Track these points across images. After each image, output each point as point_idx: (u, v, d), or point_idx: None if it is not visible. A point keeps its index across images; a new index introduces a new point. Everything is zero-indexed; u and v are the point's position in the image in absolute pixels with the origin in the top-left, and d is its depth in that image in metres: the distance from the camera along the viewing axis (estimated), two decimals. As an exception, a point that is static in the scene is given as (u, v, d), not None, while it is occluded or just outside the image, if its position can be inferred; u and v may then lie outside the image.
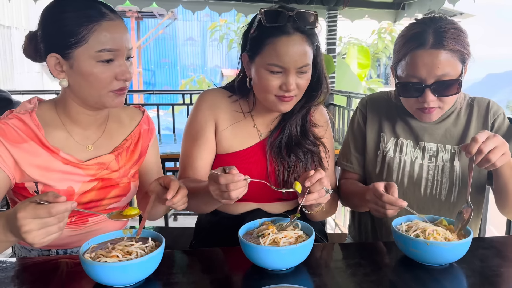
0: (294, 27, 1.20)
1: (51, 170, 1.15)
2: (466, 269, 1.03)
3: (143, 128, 1.34)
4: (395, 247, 1.11)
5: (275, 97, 1.25)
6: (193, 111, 1.40)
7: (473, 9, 34.30)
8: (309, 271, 1.02)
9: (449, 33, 1.21)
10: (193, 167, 1.35)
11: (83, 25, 1.07)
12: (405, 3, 3.93)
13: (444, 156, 1.36)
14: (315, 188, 1.09)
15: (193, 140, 1.37)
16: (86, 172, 1.20)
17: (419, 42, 1.21)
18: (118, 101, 1.16)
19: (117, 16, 1.15)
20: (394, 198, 1.12)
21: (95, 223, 1.27)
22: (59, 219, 0.87)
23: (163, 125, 4.63)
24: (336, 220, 3.70)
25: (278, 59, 1.20)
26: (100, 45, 1.08)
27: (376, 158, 1.43)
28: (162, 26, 13.33)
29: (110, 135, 1.28)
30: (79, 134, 1.22)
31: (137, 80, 13.15)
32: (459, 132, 1.37)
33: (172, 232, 2.09)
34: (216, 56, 15.20)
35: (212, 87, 1.55)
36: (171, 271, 1.01)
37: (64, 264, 1.07)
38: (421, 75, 1.22)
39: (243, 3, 3.74)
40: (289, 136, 1.36)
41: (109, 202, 1.27)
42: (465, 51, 1.22)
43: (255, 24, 1.26)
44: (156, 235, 1.03)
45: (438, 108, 1.27)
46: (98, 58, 1.09)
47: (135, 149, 1.31)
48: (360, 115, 1.48)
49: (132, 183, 1.32)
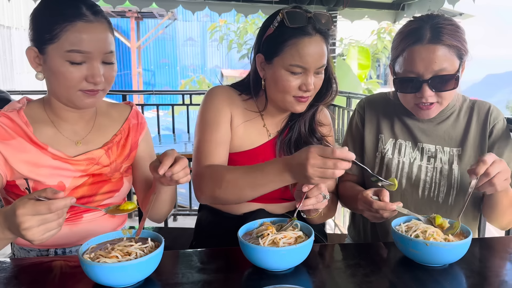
0: (315, 28, 1.23)
1: (41, 166, 1.16)
2: (465, 269, 1.03)
3: (132, 122, 1.35)
4: (395, 247, 1.11)
5: (293, 97, 1.27)
6: (207, 101, 1.36)
7: (473, 9, 34.30)
8: (309, 272, 1.02)
9: (446, 29, 1.22)
10: (215, 153, 1.30)
11: (58, 23, 1.08)
12: (404, 4, 3.94)
13: (443, 157, 1.36)
14: (313, 194, 1.10)
15: (212, 126, 1.32)
16: (76, 167, 1.21)
17: (416, 38, 1.23)
18: (89, 101, 1.16)
19: (99, 18, 1.13)
20: (383, 203, 1.13)
21: (90, 221, 1.27)
22: (59, 215, 0.87)
23: (163, 126, 4.63)
24: (335, 221, 3.70)
25: (300, 60, 1.22)
26: (70, 45, 1.08)
27: (374, 160, 1.43)
28: (162, 27, 13.34)
29: (99, 130, 1.28)
30: (68, 130, 1.23)
31: (137, 81, 13.15)
32: (458, 134, 1.37)
33: (172, 232, 2.09)
34: (216, 56, 15.22)
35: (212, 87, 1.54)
36: (171, 272, 1.01)
37: (63, 264, 1.07)
38: (418, 70, 1.23)
39: (243, 3, 3.74)
40: (298, 134, 1.39)
41: (102, 197, 1.27)
42: (462, 47, 1.23)
43: (274, 25, 1.26)
44: (155, 236, 1.03)
45: (436, 103, 1.27)
46: (68, 58, 1.09)
47: (125, 143, 1.32)
48: (358, 117, 1.49)
49: (125, 178, 1.32)
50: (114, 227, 1.34)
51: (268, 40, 1.28)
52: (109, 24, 1.17)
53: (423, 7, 3.66)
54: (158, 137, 3.64)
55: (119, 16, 12.91)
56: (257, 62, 1.33)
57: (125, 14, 12.29)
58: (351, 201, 1.36)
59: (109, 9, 11.11)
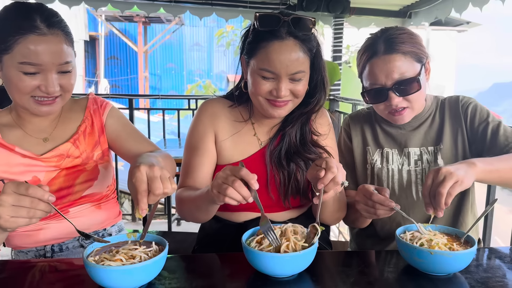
0: (288, 32, 1.18)
1: (12, 165, 1.24)
2: (470, 279, 1.02)
3: (93, 108, 1.39)
4: (399, 256, 1.11)
5: (266, 100, 1.24)
6: (193, 122, 1.41)
7: (480, 18, 34.20)
8: (312, 279, 1.02)
9: (398, 38, 1.31)
10: (193, 176, 1.34)
11: (11, 35, 1.13)
12: (411, 12, 3.93)
13: (428, 157, 1.43)
14: (329, 188, 1.08)
15: (193, 150, 1.37)
16: (47, 163, 1.27)
17: (372, 52, 1.33)
18: (45, 110, 1.22)
19: (54, 30, 1.16)
20: (383, 198, 1.14)
21: (77, 213, 1.33)
22: (32, 203, 0.90)
23: (168, 130, 4.65)
24: (339, 228, 3.68)
25: (269, 64, 1.18)
26: (22, 57, 1.13)
27: (365, 171, 1.49)
28: (169, 32, 13.40)
29: (64, 124, 1.34)
30: (34, 130, 1.30)
31: (143, 85, 13.21)
32: (436, 131, 1.44)
33: (175, 237, 2.09)
34: (222, 61, 15.26)
35: (218, 93, 1.55)
36: (174, 276, 1.01)
37: (67, 267, 1.07)
38: (381, 81, 1.32)
39: (250, 9, 3.76)
40: (288, 144, 1.34)
41: (81, 187, 1.32)
42: (418, 51, 1.32)
43: (251, 28, 1.26)
44: (159, 240, 1.03)
45: (407, 108, 1.34)
46: (20, 69, 1.14)
47: (92, 131, 1.36)
48: (345, 134, 1.56)
49: (100, 165, 1.36)
50: (103, 219, 1.39)
51: (247, 42, 1.27)
52: (66, 35, 1.20)
53: (430, 15, 3.66)
54: (164, 141, 3.65)
55: (127, 21, 13.01)
56: (242, 64, 1.34)
57: (132, 19, 12.38)
58: (349, 208, 1.39)
59: (117, 13, 11.23)
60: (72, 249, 1.34)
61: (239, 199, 0.98)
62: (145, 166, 0.97)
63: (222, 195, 0.99)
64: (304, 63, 1.21)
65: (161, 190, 0.95)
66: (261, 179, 1.33)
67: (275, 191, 1.33)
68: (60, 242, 1.32)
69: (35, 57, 1.13)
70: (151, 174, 0.96)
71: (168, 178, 0.98)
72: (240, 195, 0.98)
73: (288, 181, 1.32)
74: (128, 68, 14.56)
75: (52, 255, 1.32)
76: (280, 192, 1.33)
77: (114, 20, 12.72)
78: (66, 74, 1.21)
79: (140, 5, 3.71)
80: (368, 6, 3.92)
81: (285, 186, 1.32)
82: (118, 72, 14.58)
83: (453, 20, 9.18)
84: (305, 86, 1.26)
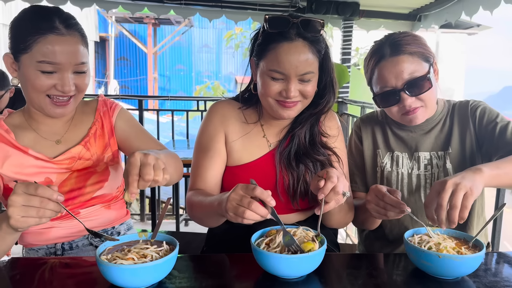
0: (297, 33, 1.20)
1: (26, 166, 1.26)
2: (478, 283, 1.02)
3: (102, 110, 1.41)
4: (407, 259, 1.11)
5: (276, 101, 1.26)
6: (203, 123, 1.42)
7: (491, 21, 33.90)
8: (320, 280, 1.02)
9: (403, 40, 1.33)
10: (203, 178, 1.35)
11: (31, 35, 1.16)
12: (421, 15, 3.92)
13: (438, 162, 1.42)
14: (330, 198, 1.08)
15: (204, 151, 1.37)
16: (59, 166, 1.29)
17: (379, 56, 1.34)
18: (59, 111, 1.25)
19: (72, 31, 1.21)
20: (396, 199, 1.15)
21: (88, 215, 1.35)
22: (42, 203, 0.92)
23: (177, 131, 4.68)
24: (347, 231, 3.68)
25: (278, 65, 1.20)
26: (41, 56, 1.17)
27: (375, 174, 1.49)
28: (179, 33, 13.48)
29: (76, 127, 1.36)
30: (47, 132, 1.32)
31: (152, 86, 13.30)
32: (445, 135, 1.44)
33: (184, 237, 2.10)
34: (231, 63, 15.31)
35: (226, 94, 1.56)
36: (184, 275, 1.03)
37: (80, 264, 1.09)
38: (391, 83, 1.32)
39: (259, 12, 3.78)
40: (298, 145, 1.35)
41: (92, 189, 1.34)
42: (424, 51, 1.33)
43: (261, 30, 1.28)
44: (170, 239, 1.04)
45: (421, 107, 1.34)
46: (39, 68, 1.17)
47: (102, 133, 1.38)
48: (356, 136, 1.56)
49: (110, 167, 1.38)
50: (112, 219, 1.42)
51: (257, 44, 1.29)
52: (82, 36, 1.25)
53: (440, 18, 3.64)
54: (172, 142, 3.68)
55: (137, 22, 13.12)
56: (251, 66, 1.35)
57: (142, 20, 12.48)
58: (358, 210, 1.39)
59: (127, 15, 11.32)
60: (82, 247, 1.36)
61: (258, 219, 0.99)
62: (140, 152, 0.99)
63: (240, 217, 0.99)
64: (313, 64, 1.23)
65: (151, 176, 0.96)
66: (270, 181, 1.34)
67: (284, 192, 1.34)
68: (70, 240, 1.34)
69: (53, 56, 1.16)
70: (144, 160, 0.98)
71: (163, 169, 0.99)
72: (258, 215, 0.98)
73: (297, 183, 1.33)
74: (138, 69, 14.67)
75: (62, 253, 1.34)
76: (289, 194, 1.34)
77: (124, 22, 12.83)
78: (81, 74, 1.24)
79: (150, 7, 3.75)
80: (378, 9, 3.92)
81: (294, 187, 1.33)
82: (127, 73, 14.70)
83: (463, 23, 9.10)
84: (314, 87, 1.27)
